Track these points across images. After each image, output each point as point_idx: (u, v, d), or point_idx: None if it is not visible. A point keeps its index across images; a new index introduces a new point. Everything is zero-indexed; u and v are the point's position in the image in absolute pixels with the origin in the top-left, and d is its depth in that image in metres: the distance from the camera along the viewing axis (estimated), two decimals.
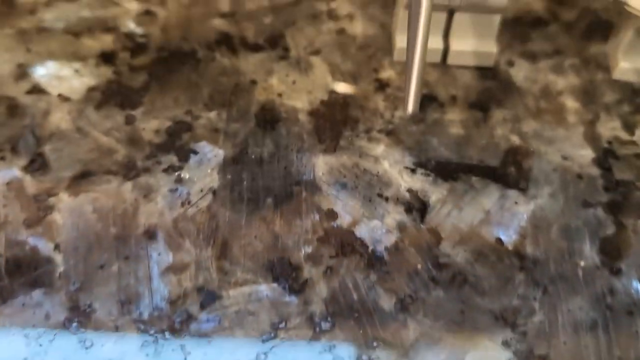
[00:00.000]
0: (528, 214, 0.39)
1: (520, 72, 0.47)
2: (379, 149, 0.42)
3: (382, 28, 0.49)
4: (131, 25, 0.49)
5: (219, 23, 0.50)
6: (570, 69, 0.48)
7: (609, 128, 0.44)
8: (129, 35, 0.48)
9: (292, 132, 0.43)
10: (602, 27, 0.50)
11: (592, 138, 0.43)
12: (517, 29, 0.50)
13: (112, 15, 0.49)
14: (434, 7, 0.44)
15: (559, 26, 0.51)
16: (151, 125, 0.42)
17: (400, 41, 0.46)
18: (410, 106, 0.39)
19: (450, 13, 0.45)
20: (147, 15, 0.50)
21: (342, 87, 0.46)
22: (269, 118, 0.43)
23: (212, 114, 0.43)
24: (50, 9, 0.50)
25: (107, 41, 0.47)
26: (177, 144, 0.42)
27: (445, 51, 0.47)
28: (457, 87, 0.46)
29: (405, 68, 0.39)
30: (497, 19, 0.45)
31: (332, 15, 0.50)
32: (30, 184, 0.39)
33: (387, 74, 0.46)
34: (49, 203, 0.38)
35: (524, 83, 0.46)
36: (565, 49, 0.49)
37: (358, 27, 0.50)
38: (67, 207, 0.38)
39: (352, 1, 0.51)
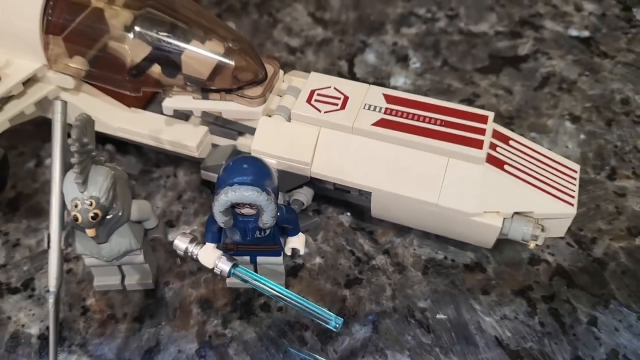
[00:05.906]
0: None
1: (171, 291, 0.78)
2: None
3: None
4: None
5: None
6: (204, 281, 0.79)
7: (212, 325, 0.75)
8: None
9: None
10: None
11: (200, 334, 0.74)
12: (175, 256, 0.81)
13: None
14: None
15: None
16: None
17: None
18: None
19: None
20: None
21: None
22: None
23: None
24: None
25: None
26: None
27: (123, 279, 0.78)
28: (130, 306, 0.77)
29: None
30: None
31: None
32: None
33: None
34: None
35: (172, 298, 0.77)
36: None
37: None
38: None
39: None
